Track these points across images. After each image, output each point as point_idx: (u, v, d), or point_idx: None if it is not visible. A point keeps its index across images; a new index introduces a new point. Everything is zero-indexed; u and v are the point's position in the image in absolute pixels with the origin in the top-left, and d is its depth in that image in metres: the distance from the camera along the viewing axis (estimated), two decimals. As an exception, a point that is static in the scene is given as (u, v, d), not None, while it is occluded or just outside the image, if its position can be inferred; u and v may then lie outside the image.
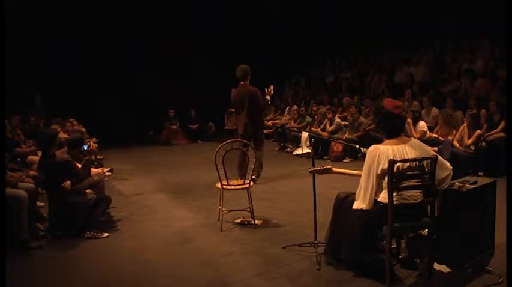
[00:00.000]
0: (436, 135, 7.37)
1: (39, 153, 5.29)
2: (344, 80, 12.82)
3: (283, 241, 4.12)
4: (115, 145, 11.25)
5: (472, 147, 6.81)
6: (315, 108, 10.97)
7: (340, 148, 8.80)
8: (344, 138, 8.91)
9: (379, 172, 3.05)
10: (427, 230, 3.27)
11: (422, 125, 7.51)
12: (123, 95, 12.95)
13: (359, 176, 3.24)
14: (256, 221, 4.76)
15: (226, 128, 12.79)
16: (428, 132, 7.48)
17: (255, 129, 6.72)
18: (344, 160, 8.66)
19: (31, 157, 6.46)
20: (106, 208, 4.95)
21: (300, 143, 9.58)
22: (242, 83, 6.76)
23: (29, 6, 11.14)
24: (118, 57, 12.67)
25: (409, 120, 7.39)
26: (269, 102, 7.26)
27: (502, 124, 6.89)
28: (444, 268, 3.36)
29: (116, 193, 6.40)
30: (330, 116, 9.66)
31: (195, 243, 4.31)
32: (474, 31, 10.08)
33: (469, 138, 6.86)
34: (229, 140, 4.78)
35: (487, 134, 6.90)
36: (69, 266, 3.87)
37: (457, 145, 6.94)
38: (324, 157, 8.99)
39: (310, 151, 4.13)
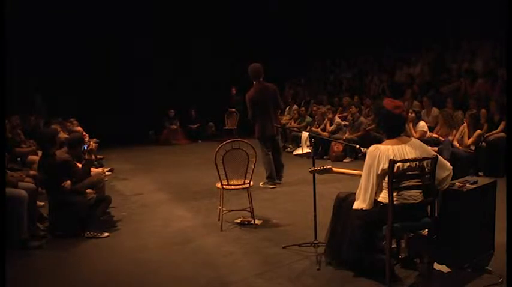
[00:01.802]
0: (436, 135, 7.37)
1: (39, 153, 5.29)
2: (344, 80, 12.82)
3: (283, 241, 4.12)
4: (115, 145, 11.25)
5: (472, 147, 6.81)
6: (315, 108, 10.97)
7: (340, 147, 8.81)
8: (344, 138, 8.92)
9: (379, 171, 3.05)
10: (427, 230, 3.27)
11: (422, 125, 7.51)
12: (123, 95, 12.95)
13: (359, 176, 3.24)
14: (256, 221, 4.76)
15: (226, 128, 12.80)
16: (428, 132, 7.48)
17: (277, 128, 6.60)
18: (344, 160, 8.67)
19: (31, 157, 6.46)
20: (106, 207, 4.95)
21: (300, 143, 9.59)
22: (255, 82, 6.54)
23: (29, 6, 11.14)
24: (118, 57, 12.67)
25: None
26: None
27: (502, 124, 6.88)
28: (444, 268, 3.36)
29: (116, 192, 6.40)
30: (330, 116, 9.66)
31: (195, 243, 4.30)
32: (474, 31, 10.08)
33: (469, 138, 6.86)
34: (230, 140, 4.77)
35: (487, 134, 6.91)
36: (69, 266, 3.87)
37: (457, 144, 6.94)
38: (324, 157, 9.00)
39: (310, 150, 4.12)
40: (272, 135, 6.63)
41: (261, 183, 6.61)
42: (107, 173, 6.24)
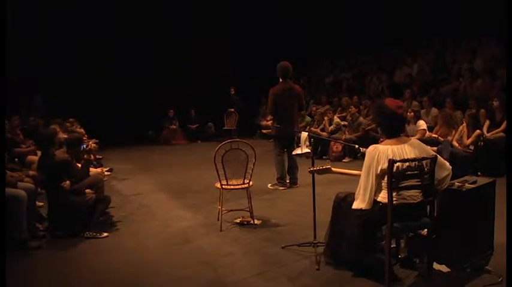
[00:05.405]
0: (436, 135, 7.38)
1: (39, 153, 5.28)
2: (344, 80, 12.82)
3: (283, 241, 4.12)
4: (115, 145, 11.25)
5: (471, 147, 6.81)
6: (314, 108, 10.98)
7: (340, 147, 8.81)
8: (343, 138, 8.92)
9: (378, 171, 3.05)
10: (426, 230, 3.27)
11: (421, 123, 7.52)
12: (123, 95, 12.95)
13: (358, 176, 3.24)
14: (256, 221, 4.77)
15: (226, 128, 12.80)
16: (427, 131, 7.49)
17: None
18: (343, 160, 8.67)
19: (31, 157, 6.45)
20: (106, 208, 4.95)
21: (300, 143, 9.57)
22: (282, 80, 6.45)
23: (29, 6, 11.14)
24: (118, 57, 12.67)
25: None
26: None
27: (504, 124, 6.85)
28: (444, 268, 3.36)
29: (115, 192, 6.40)
30: (329, 116, 9.66)
31: (194, 243, 4.31)
32: (474, 31, 10.09)
33: (468, 138, 6.86)
34: (229, 140, 4.77)
35: (488, 134, 6.91)
36: (69, 266, 3.87)
37: (456, 144, 6.94)
38: (324, 157, 9.00)
39: (309, 150, 4.12)
40: (290, 137, 6.41)
41: (270, 185, 6.55)
42: (106, 173, 6.23)
